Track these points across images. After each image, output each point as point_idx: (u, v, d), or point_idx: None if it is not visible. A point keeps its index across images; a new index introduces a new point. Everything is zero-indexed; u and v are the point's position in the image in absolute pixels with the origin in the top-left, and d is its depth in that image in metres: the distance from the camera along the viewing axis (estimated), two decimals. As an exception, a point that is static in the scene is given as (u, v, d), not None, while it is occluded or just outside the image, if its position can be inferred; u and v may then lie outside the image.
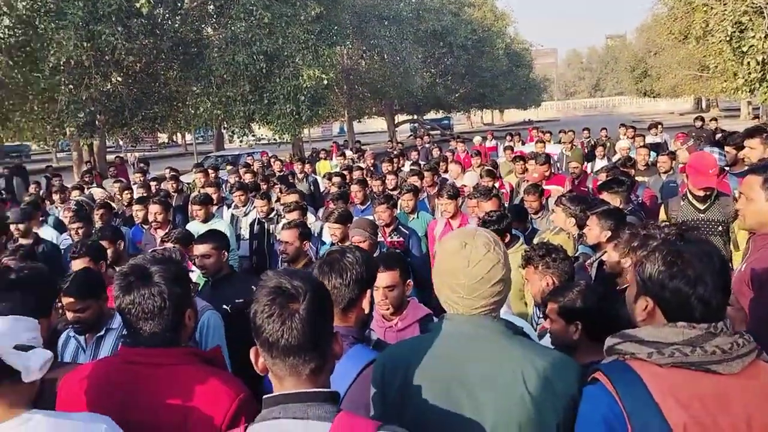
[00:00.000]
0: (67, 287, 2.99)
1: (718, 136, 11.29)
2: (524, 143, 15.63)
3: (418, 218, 6.45)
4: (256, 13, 16.88)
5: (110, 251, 4.58)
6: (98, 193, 9.85)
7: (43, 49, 14.56)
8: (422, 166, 9.85)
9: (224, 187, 9.60)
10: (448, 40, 33.46)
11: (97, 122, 16.55)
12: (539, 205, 6.06)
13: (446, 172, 9.72)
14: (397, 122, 39.16)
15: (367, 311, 2.13)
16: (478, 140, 16.73)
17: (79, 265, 3.81)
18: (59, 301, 2.97)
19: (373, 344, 2.35)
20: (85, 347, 3.09)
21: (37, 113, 16.06)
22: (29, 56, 15.40)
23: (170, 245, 4.34)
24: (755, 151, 5.28)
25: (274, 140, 20.74)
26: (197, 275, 4.31)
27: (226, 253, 4.23)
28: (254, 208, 7.09)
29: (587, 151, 12.77)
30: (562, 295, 2.61)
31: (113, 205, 8.15)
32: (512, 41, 45.97)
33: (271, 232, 6.70)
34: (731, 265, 3.34)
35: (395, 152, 14.13)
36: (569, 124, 25.14)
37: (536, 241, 4.47)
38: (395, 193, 7.20)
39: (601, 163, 10.38)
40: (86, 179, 12.26)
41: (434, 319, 3.04)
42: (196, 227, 5.87)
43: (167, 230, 5.52)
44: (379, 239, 4.91)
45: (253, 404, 1.84)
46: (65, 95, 14.97)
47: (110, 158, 20.12)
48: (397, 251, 4.76)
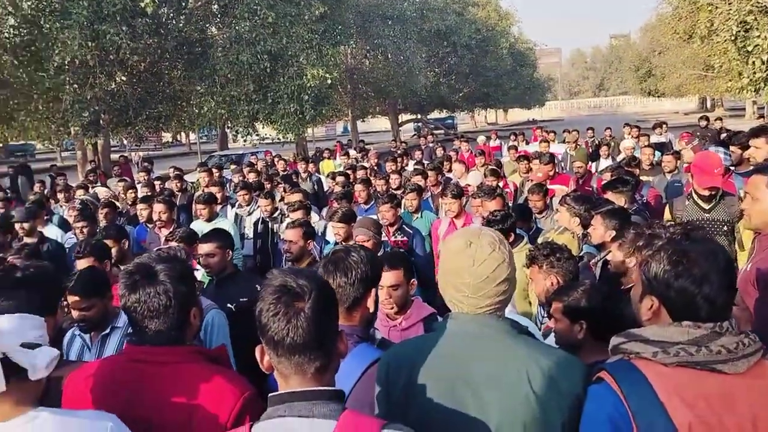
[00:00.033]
0: (72, 286, 3.00)
1: (722, 135, 11.29)
2: (528, 143, 15.63)
3: (421, 218, 6.44)
4: (260, 12, 16.88)
5: (115, 250, 4.60)
6: (103, 192, 9.85)
7: (47, 48, 14.60)
8: (426, 165, 9.85)
9: (228, 186, 9.59)
10: (452, 39, 33.44)
11: (101, 121, 16.58)
12: (543, 204, 6.04)
13: (450, 171, 9.71)
14: (400, 122, 39.14)
15: (371, 310, 2.13)
16: (482, 140, 16.70)
17: (83, 264, 3.81)
18: (64, 299, 2.98)
19: (377, 343, 2.34)
20: (90, 345, 3.10)
21: (41, 112, 16.09)
22: (34, 56, 15.44)
23: (175, 244, 4.34)
24: (760, 150, 5.26)
25: (277, 140, 20.73)
26: (202, 274, 4.32)
27: (230, 252, 4.24)
28: (258, 207, 7.10)
29: (591, 150, 12.77)
30: (566, 294, 2.61)
31: (117, 204, 8.16)
32: (516, 41, 45.90)
33: (275, 231, 6.72)
34: (736, 264, 3.34)
35: (399, 152, 14.14)
36: (573, 123, 25.08)
37: (540, 240, 4.47)
38: (399, 192, 7.19)
39: (605, 162, 10.37)
40: (90, 178, 12.29)
41: (438, 318, 3.04)
42: (200, 226, 5.87)
43: (171, 229, 5.52)
44: (382, 238, 4.90)
45: (257, 402, 1.84)
46: (70, 94, 15.00)
47: (114, 157, 20.13)
48: (400, 250, 4.76)
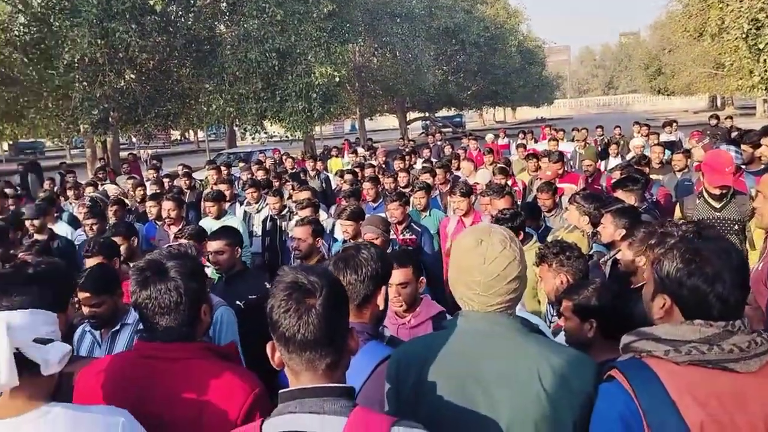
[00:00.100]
0: (82, 282, 3.02)
1: (733, 134, 11.21)
2: (537, 141, 15.58)
3: (430, 216, 6.43)
4: (268, 10, 16.91)
5: (124, 247, 4.62)
6: (112, 189, 9.89)
7: (57, 46, 14.69)
8: (434, 163, 9.83)
9: (237, 184, 9.62)
10: (460, 37, 33.37)
11: (110, 119, 16.65)
12: (553, 203, 6.02)
13: (458, 169, 9.70)
14: (408, 120, 39.13)
15: (381, 308, 2.13)
16: (490, 138, 16.67)
17: (92, 263, 3.83)
18: (75, 296, 3.00)
19: (386, 341, 2.34)
20: (100, 342, 3.12)
21: (51, 110, 16.20)
22: (44, 53, 15.55)
23: (184, 241, 4.36)
24: (772, 149, 5.24)
25: (285, 138, 20.77)
26: (211, 271, 4.34)
27: (239, 249, 4.25)
28: (267, 205, 7.11)
29: (601, 149, 12.70)
30: (576, 293, 2.60)
31: (127, 201, 8.20)
32: (525, 38, 45.79)
33: (283, 229, 6.73)
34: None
35: (407, 150, 14.12)
36: (582, 121, 24.97)
37: (550, 239, 4.45)
38: (407, 190, 7.18)
39: (614, 161, 10.32)
40: (100, 176, 12.33)
41: (447, 316, 3.04)
42: (208, 224, 5.89)
43: (181, 226, 5.54)
44: (391, 236, 4.90)
45: (267, 399, 1.85)
46: (79, 92, 15.08)
47: (123, 155, 20.24)
48: (409, 248, 4.76)
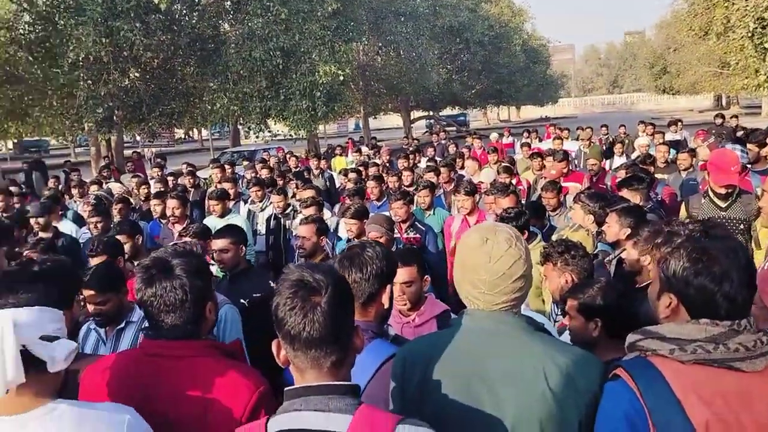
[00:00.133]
0: (88, 280, 3.03)
1: (738, 133, 11.17)
2: (541, 140, 15.55)
3: (434, 215, 6.43)
4: (272, 9, 16.93)
5: (128, 246, 4.63)
6: (116, 187, 9.90)
7: (62, 45, 14.73)
8: (438, 162, 9.82)
9: (241, 182, 9.63)
10: (464, 36, 33.35)
11: (114, 118, 16.70)
12: (557, 202, 6.01)
13: (462, 168, 9.68)
14: (412, 119, 39.11)
15: (386, 306, 2.12)
16: (494, 137, 16.64)
17: (97, 262, 3.84)
18: (80, 293, 3.01)
19: (390, 339, 2.34)
20: (105, 340, 3.13)
21: (55, 108, 16.25)
22: (48, 52, 15.59)
23: (189, 239, 4.36)
24: (778, 148, 5.21)
25: (289, 136, 20.80)
26: (215, 270, 4.34)
27: (243, 247, 4.25)
28: (271, 203, 7.11)
29: (605, 148, 12.66)
30: (582, 292, 2.59)
31: (131, 199, 8.21)
32: (529, 37, 45.74)
33: (287, 227, 6.73)
34: (753, 263, 3.29)
35: (411, 148, 14.10)
36: (587, 120, 24.92)
37: (555, 238, 4.44)
38: (411, 189, 7.18)
39: (619, 160, 10.29)
40: (104, 174, 12.37)
41: (452, 315, 3.04)
42: (213, 222, 5.90)
43: (185, 225, 5.55)
44: (395, 235, 4.90)
45: (272, 397, 1.85)
46: (84, 91, 15.13)
47: (127, 153, 20.29)
48: (414, 247, 4.75)
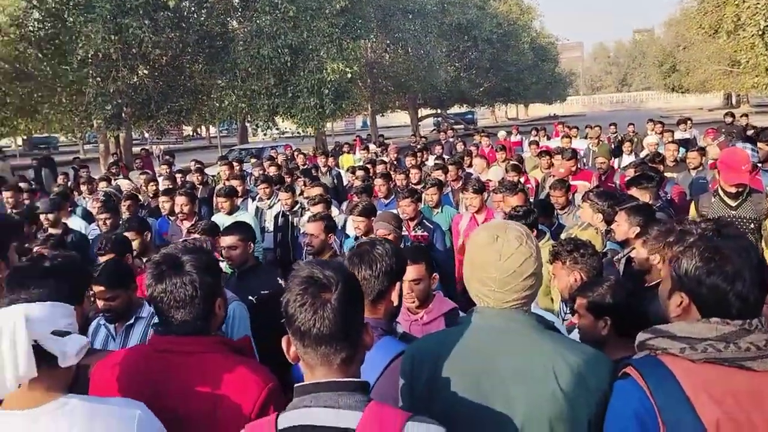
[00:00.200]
0: (98, 276, 3.05)
1: (749, 131, 11.09)
2: (550, 138, 15.52)
3: (442, 212, 6.43)
4: (281, 6, 16.94)
5: (137, 242, 4.65)
6: (125, 184, 9.96)
7: (71, 42, 14.80)
8: (446, 160, 9.81)
9: (249, 179, 9.64)
10: (472, 33, 33.24)
11: (123, 114, 16.78)
12: (566, 200, 5.99)
13: (470, 166, 9.67)
14: (420, 116, 39.06)
15: (396, 303, 2.12)
16: (502, 135, 16.59)
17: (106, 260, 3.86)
18: (90, 289, 3.02)
19: (399, 337, 2.34)
20: (114, 335, 3.15)
21: (65, 105, 16.34)
22: (58, 49, 15.68)
23: (197, 236, 4.38)
24: (789, 147, 5.18)
25: (297, 134, 20.85)
26: (224, 266, 4.35)
27: (252, 244, 4.26)
28: (279, 200, 7.13)
29: (614, 146, 12.61)
30: (591, 290, 2.59)
31: (139, 196, 8.24)
32: (538, 35, 45.57)
33: (295, 224, 6.74)
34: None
35: (419, 146, 14.09)
36: (595, 119, 24.83)
37: (563, 236, 4.43)
38: (419, 187, 7.17)
39: (628, 158, 10.23)
40: (113, 171, 12.43)
41: (460, 313, 3.03)
42: (221, 219, 5.91)
43: (193, 221, 5.57)
44: (403, 233, 4.90)
45: (281, 393, 1.85)
46: (93, 88, 15.20)
47: (136, 150, 20.36)
48: (422, 245, 4.75)
